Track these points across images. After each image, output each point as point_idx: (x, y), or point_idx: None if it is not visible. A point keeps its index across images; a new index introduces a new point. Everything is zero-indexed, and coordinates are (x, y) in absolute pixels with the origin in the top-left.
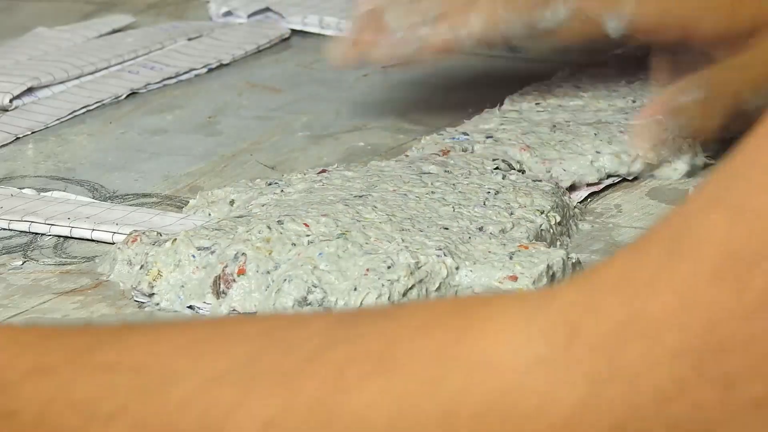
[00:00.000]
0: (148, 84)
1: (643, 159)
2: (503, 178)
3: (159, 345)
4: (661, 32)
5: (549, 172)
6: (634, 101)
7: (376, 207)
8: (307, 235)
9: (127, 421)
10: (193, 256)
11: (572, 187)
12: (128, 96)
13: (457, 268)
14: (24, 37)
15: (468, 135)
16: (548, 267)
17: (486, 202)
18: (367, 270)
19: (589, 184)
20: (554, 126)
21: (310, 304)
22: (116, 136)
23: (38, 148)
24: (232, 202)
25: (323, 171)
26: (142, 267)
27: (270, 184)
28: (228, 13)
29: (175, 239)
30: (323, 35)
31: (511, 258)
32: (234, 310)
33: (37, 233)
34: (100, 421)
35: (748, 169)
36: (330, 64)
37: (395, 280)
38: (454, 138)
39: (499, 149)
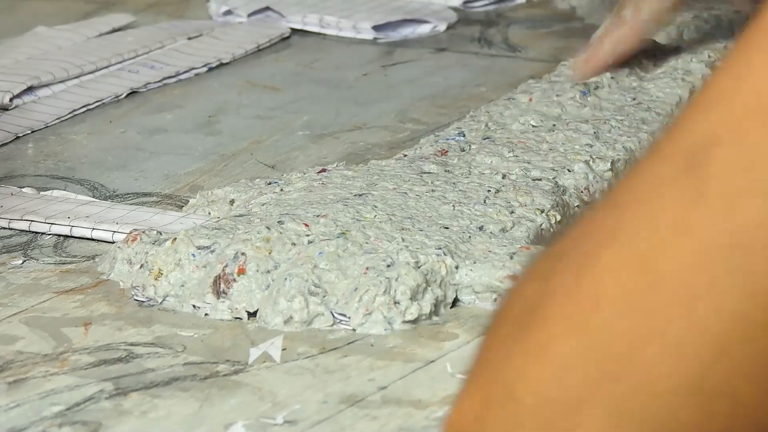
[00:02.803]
0: (148, 83)
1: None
2: (503, 178)
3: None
4: None
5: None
6: (633, 98)
7: (376, 206)
8: (307, 235)
9: None
10: (193, 255)
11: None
12: (128, 95)
13: (456, 267)
14: (24, 36)
15: (465, 135)
16: None
17: (486, 201)
18: (367, 269)
19: None
20: (554, 125)
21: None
22: (116, 135)
23: (38, 147)
24: (232, 202)
25: (323, 170)
26: (142, 266)
27: (270, 184)
28: (228, 12)
29: (175, 238)
30: (323, 34)
31: (511, 258)
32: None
33: (37, 232)
34: None
35: None
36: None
37: (395, 278)
38: (451, 138)
39: (496, 149)
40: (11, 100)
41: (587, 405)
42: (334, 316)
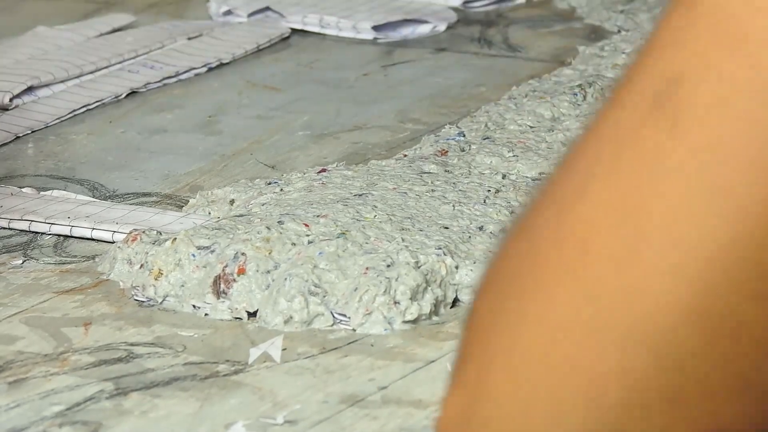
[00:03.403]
0: (148, 83)
1: None
2: (503, 178)
3: None
4: None
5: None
6: None
7: (376, 206)
8: (307, 235)
9: None
10: (193, 255)
11: None
12: (128, 95)
13: (457, 267)
14: (24, 36)
15: (465, 135)
16: None
17: (486, 201)
18: (367, 269)
19: None
20: (553, 125)
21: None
22: (116, 135)
23: (38, 147)
24: (232, 202)
25: (323, 170)
26: (142, 266)
27: (270, 184)
28: (228, 12)
29: (175, 238)
30: (323, 34)
31: None
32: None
33: (37, 232)
34: None
35: None
36: None
37: (395, 278)
38: (451, 138)
39: (496, 149)
40: (11, 100)
41: (594, 343)
42: (334, 316)
